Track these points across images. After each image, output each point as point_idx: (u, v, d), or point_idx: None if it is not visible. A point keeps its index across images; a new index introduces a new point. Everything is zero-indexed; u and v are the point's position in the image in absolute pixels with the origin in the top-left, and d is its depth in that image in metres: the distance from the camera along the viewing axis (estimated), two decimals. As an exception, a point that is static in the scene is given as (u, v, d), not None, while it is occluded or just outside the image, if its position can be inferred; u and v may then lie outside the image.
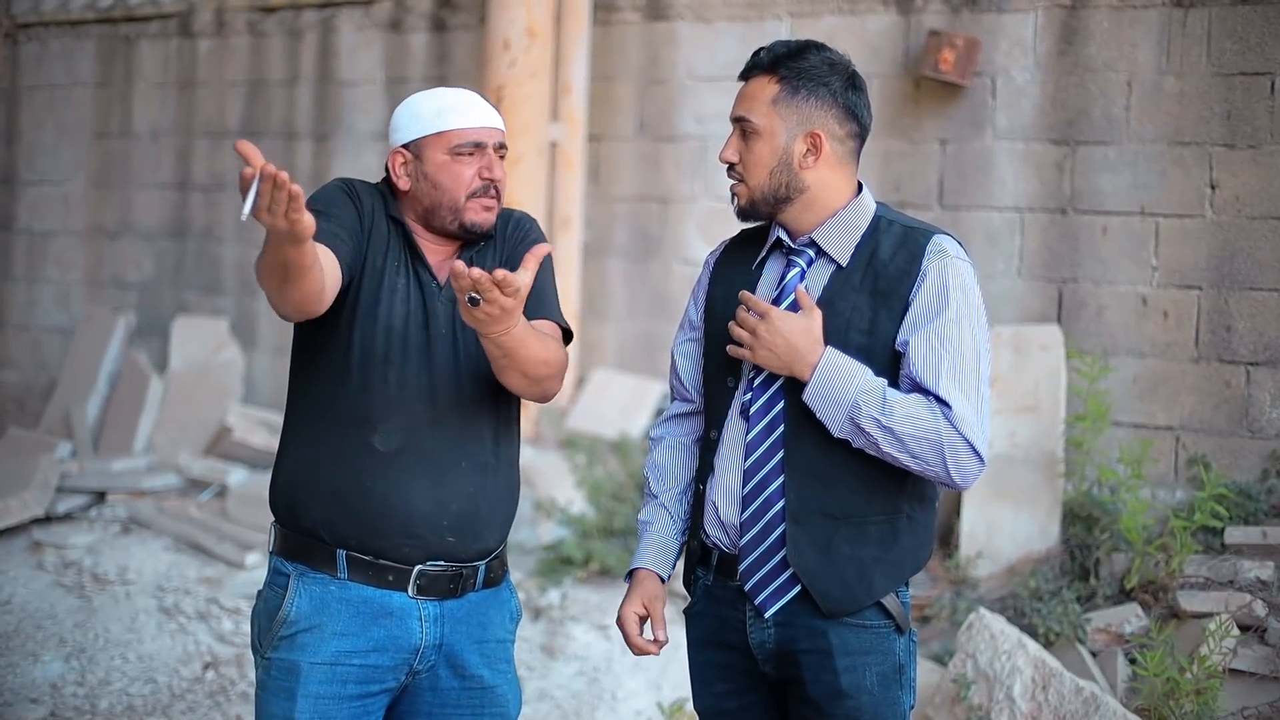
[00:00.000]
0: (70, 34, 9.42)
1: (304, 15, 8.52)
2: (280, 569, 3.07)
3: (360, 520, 3.00)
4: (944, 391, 2.80)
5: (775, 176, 2.97)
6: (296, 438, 3.10)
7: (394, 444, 3.01)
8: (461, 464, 3.07)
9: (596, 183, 7.58)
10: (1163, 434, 6.11)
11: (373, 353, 3.01)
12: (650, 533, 3.21)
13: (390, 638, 3.03)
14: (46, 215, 9.52)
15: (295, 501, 3.06)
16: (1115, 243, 6.24)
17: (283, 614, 3.02)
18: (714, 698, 3.13)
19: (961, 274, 2.89)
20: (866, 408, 2.78)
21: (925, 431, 2.78)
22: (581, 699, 5.62)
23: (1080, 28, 6.35)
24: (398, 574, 3.02)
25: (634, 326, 7.48)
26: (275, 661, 3.01)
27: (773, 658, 2.99)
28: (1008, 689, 4.86)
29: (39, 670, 5.90)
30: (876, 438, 2.80)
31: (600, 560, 6.27)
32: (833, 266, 2.97)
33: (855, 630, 2.91)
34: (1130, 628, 5.30)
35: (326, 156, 8.40)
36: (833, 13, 6.93)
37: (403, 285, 3.06)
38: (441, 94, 3.12)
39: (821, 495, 2.90)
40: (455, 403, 3.06)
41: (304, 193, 2.56)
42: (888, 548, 2.93)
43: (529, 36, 7.02)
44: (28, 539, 6.99)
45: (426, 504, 3.02)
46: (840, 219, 2.98)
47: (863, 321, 2.90)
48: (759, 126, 2.96)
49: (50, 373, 9.26)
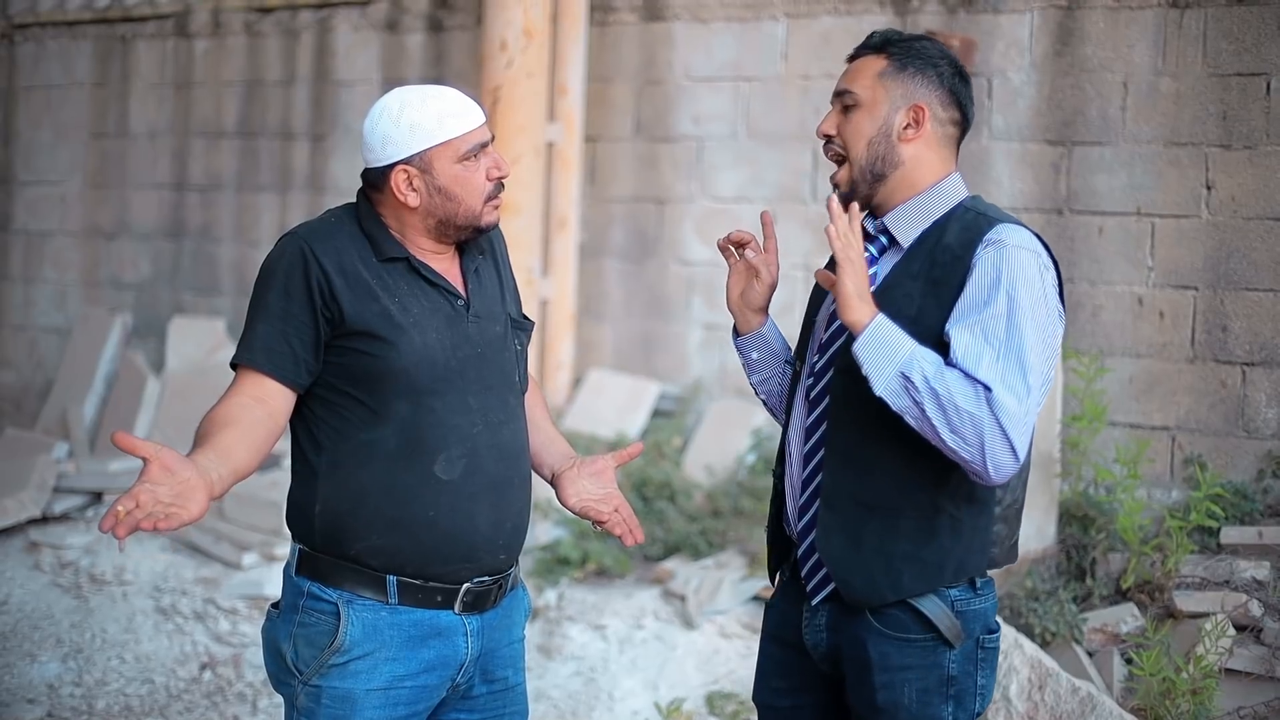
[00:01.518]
0: (67, 34, 9.42)
1: (300, 15, 8.52)
2: (320, 595, 2.98)
3: (422, 549, 2.95)
4: (985, 378, 2.66)
5: (873, 148, 2.90)
6: (331, 469, 2.98)
7: (457, 471, 2.96)
8: (514, 481, 3.06)
9: (593, 183, 7.58)
10: (1159, 434, 6.12)
11: (415, 386, 2.93)
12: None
13: (439, 657, 3.00)
14: (43, 215, 9.52)
15: (339, 530, 2.97)
16: (1111, 243, 6.25)
17: (337, 642, 2.94)
18: (769, 692, 3.12)
19: (1021, 265, 2.75)
20: (920, 364, 2.65)
21: (970, 406, 2.63)
22: (578, 699, 5.62)
23: (1076, 28, 6.36)
24: (446, 594, 2.99)
25: (631, 327, 7.48)
26: (327, 690, 2.96)
27: (826, 658, 2.98)
28: (1004, 689, 4.86)
29: (36, 670, 5.90)
30: (923, 398, 2.65)
31: (597, 560, 6.27)
32: (900, 252, 2.92)
33: (897, 644, 2.85)
34: (1126, 627, 5.31)
35: (323, 156, 8.40)
36: (829, 13, 6.94)
37: (422, 313, 2.97)
38: (431, 99, 2.97)
39: (855, 482, 2.86)
40: (505, 420, 3.05)
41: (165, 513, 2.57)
42: (921, 545, 2.83)
43: (526, 37, 7.02)
44: (25, 539, 6.99)
45: (488, 527, 3.00)
46: (915, 203, 2.91)
47: (910, 308, 2.80)
48: (861, 98, 2.91)
49: (47, 373, 9.26)
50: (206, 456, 2.72)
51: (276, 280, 2.93)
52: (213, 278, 8.81)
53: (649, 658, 5.75)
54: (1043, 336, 2.74)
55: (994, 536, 2.92)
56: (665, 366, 7.36)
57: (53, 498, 7.23)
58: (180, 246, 8.94)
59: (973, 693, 2.91)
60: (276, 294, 2.92)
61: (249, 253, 8.65)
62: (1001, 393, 2.65)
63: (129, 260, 9.14)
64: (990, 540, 2.92)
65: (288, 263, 2.93)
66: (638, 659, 5.71)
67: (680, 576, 6.07)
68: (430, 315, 2.98)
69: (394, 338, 2.92)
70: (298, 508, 3.05)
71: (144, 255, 9.08)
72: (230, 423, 2.83)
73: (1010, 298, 2.72)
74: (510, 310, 3.14)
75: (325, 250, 2.94)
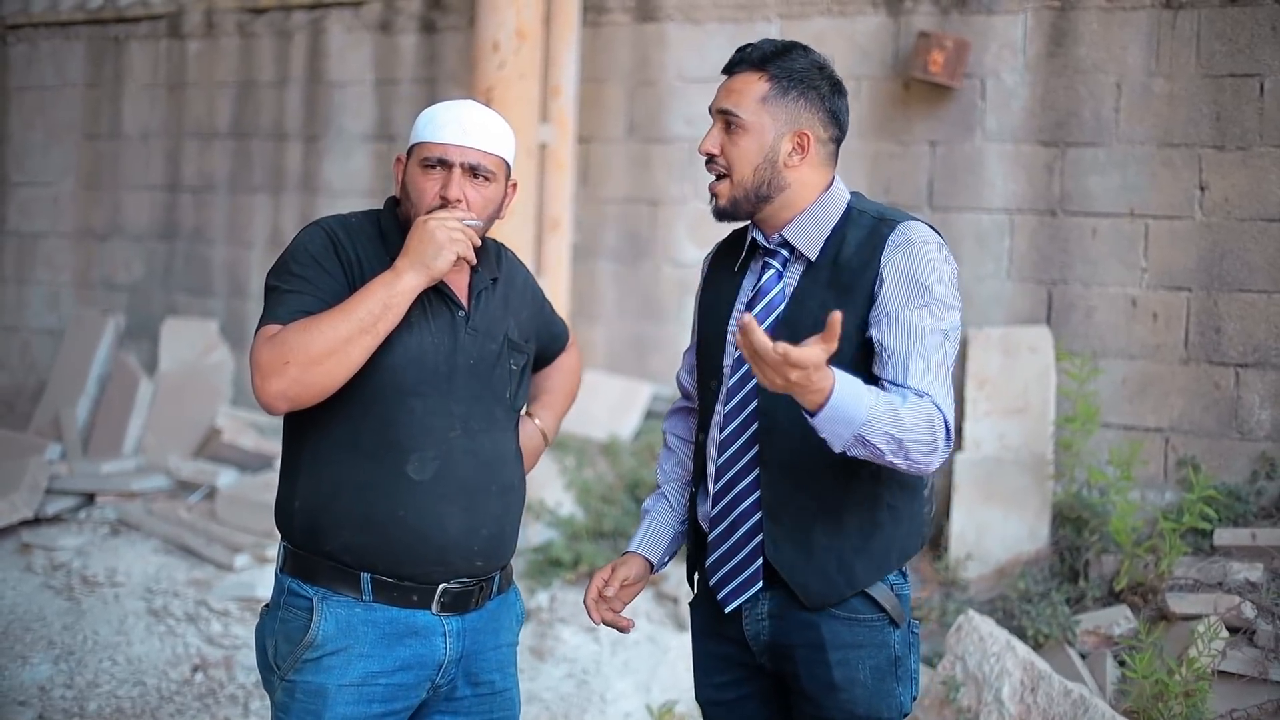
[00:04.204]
0: (60, 35, 9.41)
1: (293, 16, 8.51)
2: (298, 591, 3.03)
3: (392, 547, 2.98)
4: (918, 382, 2.75)
5: (759, 173, 2.95)
6: (312, 465, 3.05)
7: (429, 472, 3.00)
8: (491, 489, 3.08)
9: (586, 184, 7.57)
10: (1152, 436, 6.12)
11: (395, 386, 2.98)
12: (647, 520, 3.28)
13: (415, 656, 3.02)
14: (36, 216, 9.51)
15: (315, 526, 3.02)
16: (1105, 244, 6.25)
17: (309, 637, 2.98)
18: (713, 688, 3.15)
19: (926, 259, 2.87)
20: (879, 424, 2.65)
21: (924, 434, 2.69)
22: (570, 701, 5.61)
23: (1070, 29, 6.35)
24: (422, 593, 3.02)
25: (623, 328, 7.48)
26: (300, 684, 2.99)
27: (767, 650, 3.00)
28: (997, 691, 4.86)
29: (27, 672, 5.88)
30: (883, 449, 2.67)
31: (589, 562, 6.26)
32: (805, 263, 2.98)
33: (847, 624, 2.91)
34: (1119, 629, 5.31)
35: (316, 157, 8.39)
36: (822, 14, 6.93)
37: (421, 315, 3.02)
38: (445, 107, 3.08)
39: (797, 489, 2.91)
40: (485, 429, 3.08)
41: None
42: (868, 537, 2.92)
43: (518, 38, 7.01)
44: (16, 541, 6.98)
45: (459, 531, 3.02)
46: (809, 214, 2.99)
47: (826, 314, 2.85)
48: (747, 122, 2.95)
49: (40, 374, 9.24)
50: None
51: (305, 256, 3.00)
52: (205, 279, 8.80)
53: (641, 660, 5.74)
54: (953, 321, 2.87)
55: (925, 517, 3.05)
56: (658, 368, 7.36)
57: (45, 499, 7.21)
58: (173, 248, 8.93)
59: (913, 677, 3.01)
60: (307, 267, 2.98)
61: (242, 254, 8.64)
62: (941, 398, 2.76)
63: (122, 261, 9.13)
64: (923, 521, 3.04)
65: (319, 243, 3.02)
66: (630, 661, 5.71)
67: (672, 579, 6.07)
68: (428, 319, 3.03)
69: (395, 332, 2.96)
70: (281, 504, 3.10)
71: (137, 256, 9.07)
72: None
73: (922, 293, 2.83)
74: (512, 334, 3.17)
75: (348, 238, 3.05)
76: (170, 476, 7.45)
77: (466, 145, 3.03)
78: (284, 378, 2.82)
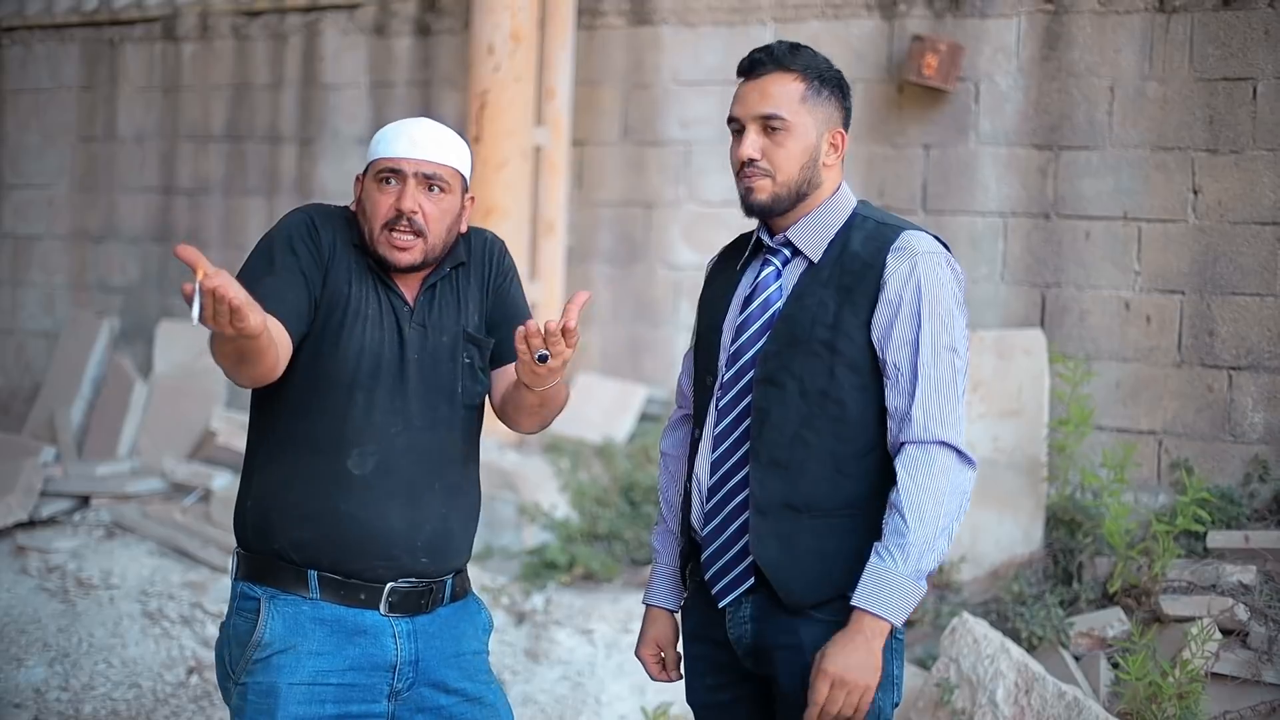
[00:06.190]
0: (54, 37, 9.40)
1: (288, 19, 8.51)
2: (248, 593, 3.06)
3: (333, 542, 3.00)
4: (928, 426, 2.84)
5: (804, 172, 2.98)
6: (264, 462, 3.10)
7: (368, 467, 3.02)
8: (435, 486, 3.09)
9: (581, 187, 7.58)
10: (1145, 438, 6.13)
11: (343, 379, 3.02)
12: (660, 563, 3.28)
13: (365, 655, 3.03)
14: (31, 219, 9.50)
15: (265, 524, 3.05)
16: (1098, 247, 6.26)
17: (256, 637, 3.00)
18: (705, 691, 3.15)
19: (930, 272, 2.90)
20: (921, 563, 2.79)
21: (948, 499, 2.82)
22: (565, 703, 5.62)
23: (1063, 33, 6.37)
24: (369, 592, 3.03)
25: (618, 331, 7.48)
26: (252, 685, 3.00)
27: (750, 653, 3.01)
28: (991, 693, 4.87)
29: (23, 675, 5.89)
30: (947, 545, 2.84)
31: (584, 564, 6.27)
32: (805, 263, 3.00)
33: (827, 627, 2.89)
34: (1113, 632, 5.31)
35: (311, 160, 8.39)
36: (817, 17, 6.94)
37: (374, 312, 3.07)
38: (397, 124, 3.13)
39: (785, 487, 2.92)
40: (429, 426, 3.09)
41: (241, 298, 2.55)
42: (849, 540, 2.91)
43: (513, 41, 7.02)
44: (11, 543, 6.98)
45: (401, 526, 3.03)
46: (815, 216, 3.01)
47: (827, 316, 2.92)
48: (791, 124, 2.97)
49: (35, 377, 9.24)
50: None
51: (281, 242, 3.05)
52: (200, 281, 8.78)
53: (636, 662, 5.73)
54: (960, 338, 2.92)
55: None
56: (653, 370, 7.36)
57: (40, 501, 7.21)
58: (168, 250, 8.92)
59: (895, 682, 3.00)
60: (283, 253, 3.03)
61: (237, 256, 8.61)
62: (948, 426, 2.85)
63: (117, 264, 9.12)
64: None
65: (295, 227, 3.08)
66: (625, 663, 5.71)
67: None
68: (381, 314, 3.07)
69: (348, 323, 3.03)
70: (237, 506, 3.15)
71: (132, 259, 9.07)
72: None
73: (926, 312, 2.87)
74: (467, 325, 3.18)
75: (326, 224, 3.10)
76: (165, 479, 7.45)
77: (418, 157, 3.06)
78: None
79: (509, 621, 6.04)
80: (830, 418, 2.92)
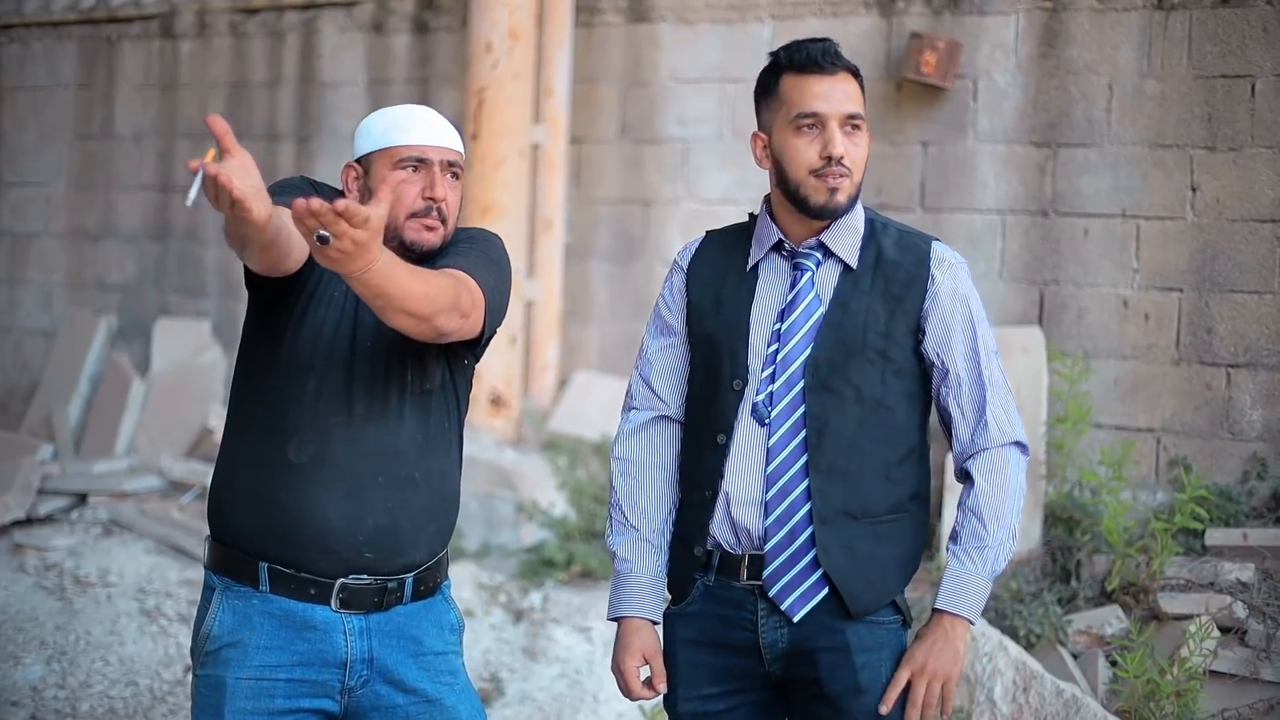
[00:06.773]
0: (52, 35, 9.40)
1: (286, 17, 8.51)
2: (209, 583, 3.04)
3: (274, 531, 2.95)
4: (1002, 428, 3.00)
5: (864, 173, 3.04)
6: (224, 444, 3.08)
7: (307, 455, 2.95)
8: (378, 479, 2.99)
9: (579, 185, 7.57)
10: (1144, 436, 6.13)
11: (299, 362, 2.96)
12: (636, 573, 3.13)
13: (315, 651, 2.98)
14: (28, 217, 9.50)
15: (218, 508, 3.03)
16: (1096, 245, 6.25)
17: (205, 629, 2.99)
18: (699, 700, 3.08)
19: (965, 282, 3.03)
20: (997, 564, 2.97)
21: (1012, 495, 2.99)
22: (563, 701, 5.61)
23: (1062, 30, 6.36)
24: (320, 587, 2.97)
25: (616, 329, 7.48)
26: (202, 678, 2.98)
27: (783, 657, 2.99)
28: (989, 691, 4.87)
29: (20, 673, 5.88)
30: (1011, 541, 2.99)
31: (582, 562, 6.26)
32: (840, 267, 3.01)
33: (870, 627, 2.96)
34: (1111, 629, 5.31)
35: (308, 158, 8.39)
36: (815, 15, 6.94)
37: (339, 295, 2.99)
38: (395, 111, 3.08)
39: (844, 495, 2.94)
40: (374, 417, 2.99)
41: (242, 188, 2.52)
42: (899, 544, 3.00)
43: (511, 39, 7.01)
44: (9, 541, 6.98)
45: (339, 519, 2.95)
46: (845, 220, 3.02)
47: (878, 324, 2.97)
48: (864, 124, 3.00)
49: (32, 375, 9.23)
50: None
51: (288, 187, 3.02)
52: (198, 279, 8.79)
53: (634, 660, 5.73)
54: (993, 335, 3.09)
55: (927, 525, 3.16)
56: (650, 369, 7.34)
57: (37, 499, 7.21)
58: (165, 248, 8.92)
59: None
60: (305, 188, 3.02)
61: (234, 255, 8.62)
62: (1011, 422, 3.02)
63: (114, 262, 9.12)
64: (927, 529, 3.15)
65: (299, 180, 3.09)
66: (623, 661, 5.70)
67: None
68: (345, 299, 2.99)
69: (313, 306, 2.99)
70: (209, 495, 3.12)
71: (129, 257, 9.06)
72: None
73: (978, 327, 3.02)
74: None
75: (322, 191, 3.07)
76: (163, 477, 7.45)
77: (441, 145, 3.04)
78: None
79: (507, 619, 6.04)
80: (882, 424, 2.97)
